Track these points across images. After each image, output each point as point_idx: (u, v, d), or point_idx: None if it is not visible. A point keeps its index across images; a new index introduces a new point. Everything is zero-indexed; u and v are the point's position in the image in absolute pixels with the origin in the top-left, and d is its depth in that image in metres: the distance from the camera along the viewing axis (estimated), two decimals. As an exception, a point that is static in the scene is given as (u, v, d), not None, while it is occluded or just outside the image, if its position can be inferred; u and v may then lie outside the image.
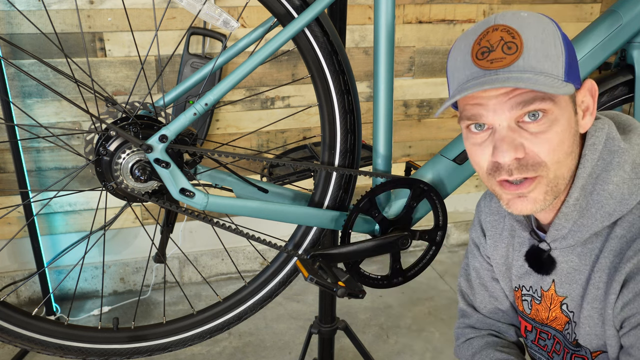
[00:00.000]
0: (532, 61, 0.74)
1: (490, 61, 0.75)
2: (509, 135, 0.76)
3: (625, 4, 1.16)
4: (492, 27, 0.76)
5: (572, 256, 0.86)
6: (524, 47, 0.74)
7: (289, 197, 1.20)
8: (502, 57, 0.75)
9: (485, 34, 0.77)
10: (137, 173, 1.02)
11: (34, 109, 2.02)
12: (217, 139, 2.23)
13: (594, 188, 0.81)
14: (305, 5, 1.03)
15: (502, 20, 0.77)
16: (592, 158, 0.81)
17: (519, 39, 0.74)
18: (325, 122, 1.12)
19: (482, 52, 0.76)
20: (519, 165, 0.77)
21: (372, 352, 1.89)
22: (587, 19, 2.51)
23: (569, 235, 0.84)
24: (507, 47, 0.75)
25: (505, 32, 0.75)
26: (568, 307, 0.90)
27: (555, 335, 0.95)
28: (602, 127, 0.82)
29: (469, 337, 1.08)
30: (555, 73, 0.74)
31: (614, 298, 0.81)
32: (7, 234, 2.13)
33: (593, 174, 0.81)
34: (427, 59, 2.41)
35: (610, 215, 0.80)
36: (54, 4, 1.94)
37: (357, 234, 1.13)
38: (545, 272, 0.90)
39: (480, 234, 1.05)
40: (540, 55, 0.74)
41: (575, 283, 0.87)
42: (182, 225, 2.34)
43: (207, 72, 1.21)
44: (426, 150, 2.56)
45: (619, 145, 0.81)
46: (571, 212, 0.82)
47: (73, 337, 1.15)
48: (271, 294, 1.26)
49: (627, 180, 0.80)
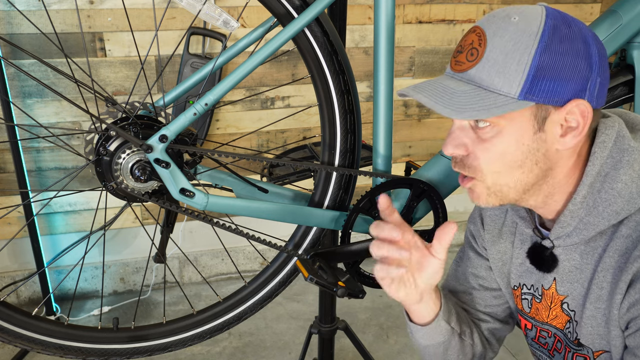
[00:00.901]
0: (482, 74, 0.75)
1: (457, 62, 0.79)
2: (456, 132, 0.81)
3: (625, 4, 1.15)
4: (475, 28, 0.78)
5: (575, 254, 0.86)
6: (483, 57, 0.75)
7: (289, 197, 1.20)
8: (463, 62, 0.77)
9: (469, 33, 0.79)
10: (137, 173, 1.02)
11: (34, 109, 2.02)
12: (217, 139, 2.23)
13: (602, 186, 0.80)
14: (305, 5, 1.03)
15: (486, 22, 0.77)
16: (602, 156, 0.80)
17: (483, 48, 0.75)
18: (325, 122, 1.12)
19: (457, 51, 0.80)
20: (459, 162, 0.82)
21: (372, 352, 1.89)
22: (587, 19, 2.51)
23: (573, 233, 0.83)
24: (471, 54, 0.77)
25: (477, 37, 0.76)
26: (569, 306, 0.89)
27: (555, 334, 0.94)
28: (612, 125, 0.81)
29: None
30: (505, 90, 0.73)
31: (619, 298, 0.80)
32: (7, 234, 2.13)
33: (602, 171, 0.80)
34: (427, 59, 2.41)
35: (617, 214, 0.79)
36: (54, 4, 1.94)
37: (357, 234, 1.13)
38: (547, 270, 0.90)
39: (479, 226, 1.05)
40: (494, 69, 0.74)
41: (577, 282, 0.87)
42: (182, 225, 2.34)
43: (207, 72, 1.21)
44: (426, 150, 2.56)
45: (629, 144, 0.80)
46: (578, 209, 0.82)
47: (73, 337, 1.14)
48: (271, 294, 1.26)
49: (636, 179, 0.79)
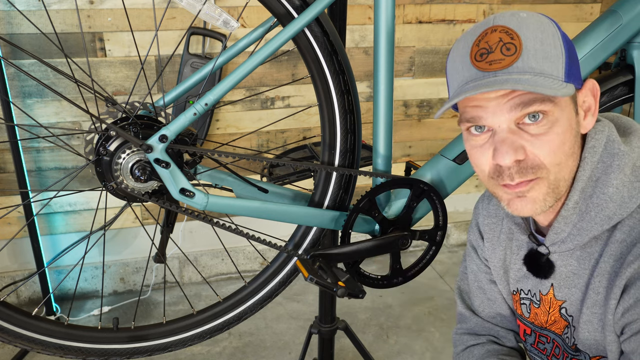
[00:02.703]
0: (531, 62, 0.73)
1: (489, 63, 0.75)
2: (509, 137, 0.75)
3: (625, 4, 1.15)
4: (491, 28, 0.76)
5: (571, 260, 0.86)
6: (523, 48, 0.73)
7: (289, 197, 1.20)
8: (501, 59, 0.74)
9: (484, 35, 0.76)
10: (137, 173, 1.02)
11: (34, 109, 2.02)
12: (217, 139, 2.23)
13: (593, 191, 0.80)
14: (305, 5, 1.03)
15: (500, 21, 0.76)
16: (592, 161, 0.80)
17: (518, 40, 0.74)
18: (325, 122, 1.12)
19: (480, 54, 0.76)
20: (519, 169, 0.76)
21: (372, 352, 1.89)
22: (587, 19, 2.51)
23: (568, 239, 0.83)
24: (506, 49, 0.74)
25: (504, 33, 0.74)
26: (567, 311, 0.89)
27: (554, 339, 0.94)
28: (602, 130, 0.81)
29: (468, 344, 1.06)
30: (555, 74, 0.74)
31: (614, 303, 0.79)
32: (7, 234, 2.13)
33: (593, 176, 0.80)
34: (427, 59, 2.41)
35: (610, 218, 0.79)
36: (54, 4, 1.94)
37: (357, 234, 1.13)
38: (544, 276, 0.89)
39: (478, 237, 1.04)
40: (539, 56, 0.74)
41: (575, 287, 0.86)
42: (182, 225, 2.34)
43: (207, 72, 1.21)
44: (426, 150, 2.56)
45: (619, 148, 0.80)
46: (570, 215, 0.81)
47: (73, 337, 1.15)
48: (271, 294, 1.26)
49: (627, 183, 0.79)
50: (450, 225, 2.68)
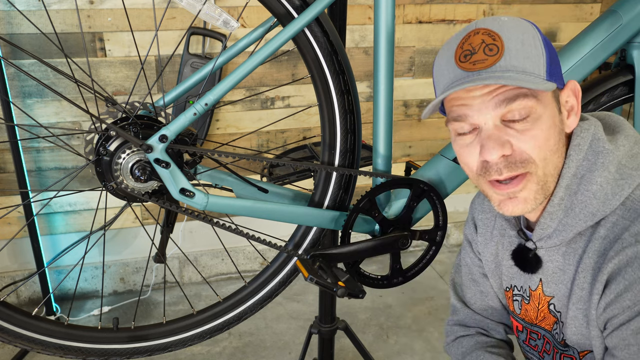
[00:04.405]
0: (513, 61, 0.76)
1: (473, 63, 0.77)
2: (495, 133, 0.78)
3: (625, 4, 1.15)
4: (474, 31, 0.79)
5: (557, 256, 0.87)
6: (505, 48, 0.76)
7: (289, 197, 1.20)
8: (484, 59, 0.77)
9: (467, 38, 0.79)
10: (137, 173, 1.02)
11: (34, 109, 2.02)
12: (217, 139, 2.23)
13: (578, 188, 0.82)
14: (305, 5, 1.03)
15: (483, 24, 0.79)
16: (577, 158, 0.82)
17: (500, 41, 0.77)
18: (325, 122, 1.12)
19: (464, 55, 0.79)
20: (507, 163, 0.78)
21: (372, 352, 1.89)
22: (587, 19, 2.51)
23: (554, 235, 0.85)
24: (489, 49, 0.77)
25: (486, 35, 0.78)
26: (555, 307, 0.90)
27: (544, 335, 0.95)
28: (587, 128, 0.83)
29: (458, 335, 1.09)
30: (536, 72, 0.76)
31: (597, 299, 0.81)
32: (7, 234, 2.13)
33: (577, 174, 0.82)
34: (427, 59, 2.41)
35: (593, 215, 0.81)
36: (54, 4, 1.94)
37: (357, 234, 1.13)
38: (531, 271, 0.92)
39: (473, 231, 1.07)
40: (521, 56, 0.76)
41: (561, 283, 0.88)
42: (182, 225, 2.34)
43: (207, 72, 1.21)
44: (426, 150, 2.56)
45: (604, 146, 0.82)
46: (556, 211, 0.83)
47: (73, 337, 1.15)
48: (271, 294, 1.26)
49: (611, 181, 0.80)
50: (450, 225, 2.68)
